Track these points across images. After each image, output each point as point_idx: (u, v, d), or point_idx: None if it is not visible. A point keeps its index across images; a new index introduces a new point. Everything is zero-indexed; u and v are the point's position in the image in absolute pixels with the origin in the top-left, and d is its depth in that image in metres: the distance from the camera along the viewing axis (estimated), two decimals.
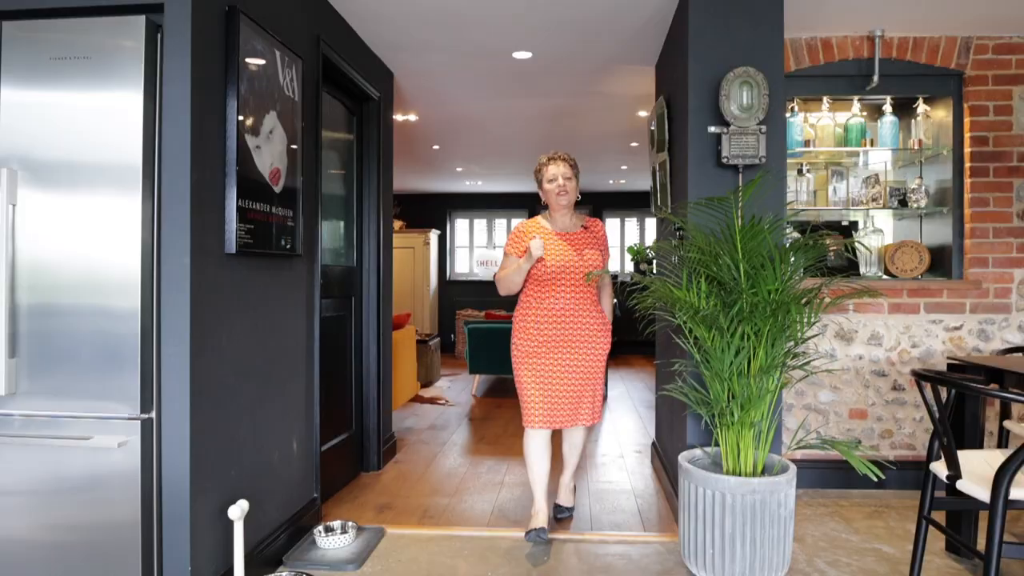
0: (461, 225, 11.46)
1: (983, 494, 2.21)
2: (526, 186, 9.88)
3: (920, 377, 2.45)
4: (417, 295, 10.05)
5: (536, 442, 3.08)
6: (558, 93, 5.13)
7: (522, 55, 4.28)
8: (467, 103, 5.49)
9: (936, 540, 3.06)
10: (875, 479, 2.30)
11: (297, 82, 2.98)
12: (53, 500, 2.24)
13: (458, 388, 7.33)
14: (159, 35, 2.28)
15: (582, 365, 3.10)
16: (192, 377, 2.27)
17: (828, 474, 3.85)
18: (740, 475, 2.62)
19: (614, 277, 10.65)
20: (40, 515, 2.24)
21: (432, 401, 6.54)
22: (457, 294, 11.18)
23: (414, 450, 4.76)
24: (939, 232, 4.07)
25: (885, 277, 4.07)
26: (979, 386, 2.28)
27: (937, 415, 2.44)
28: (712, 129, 3.07)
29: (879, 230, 4.26)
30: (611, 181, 9.81)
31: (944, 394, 2.46)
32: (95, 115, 2.23)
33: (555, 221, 3.20)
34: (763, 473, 2.67)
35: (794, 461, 3.79)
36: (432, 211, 11.19)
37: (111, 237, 2.22)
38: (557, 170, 3.12)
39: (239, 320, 2.57)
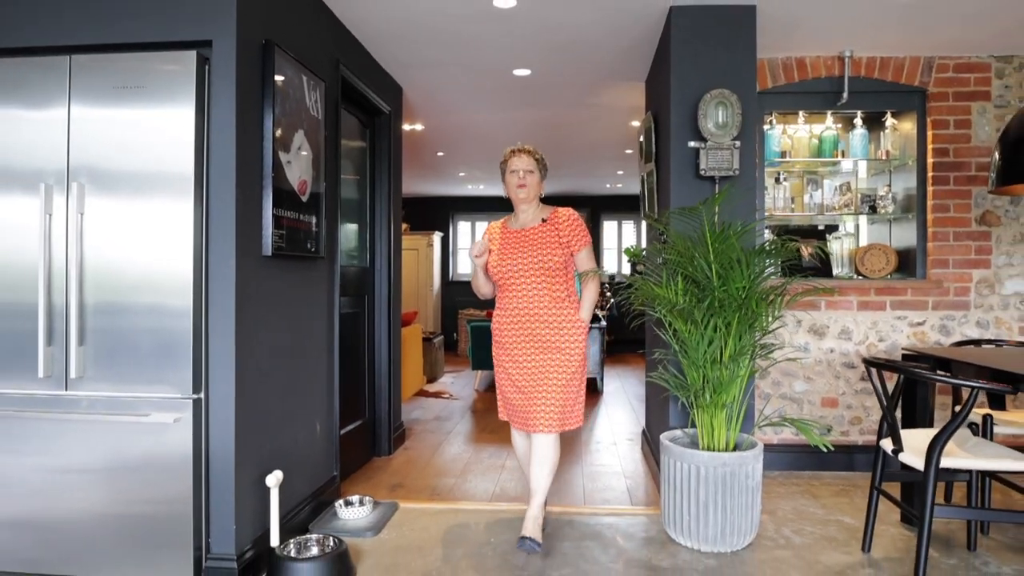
0: (463, 227, 11.82)
1: (919, 464, 2.57)
2: None
3: (869, 363, 2.80)
4: (421, 295, 10.40)
5: (517, 439, 3.20)
6: (556, 105, 5.49)
7: (522, 72, 4.64)
8: (470, 114, 5.85)
9: (892, 512, 3.41)
10: (824, 450, 2.66)
11: (320, 102, 3.34)
12: (117, 470, 2.59)
13: (461, 383, 7.69)
14: (207, 67, 2.63)
15: (539, 367, 2.93)
16: (236, 364, 2.62)
17: (802, 457, 4.20)
18: (713, 451, 2.97)
19: (611, 278, 11.06)
20: (105, 484, 2.60)
21: (437, 395, 6.89)
22: (459, 294, 11.53)
23: (421, 438, 5.12)
24: (905, 235, 4.42)
25: (856, 277, 4.42)
26: (915, 369, 2.64)
27: (885, 397, 2.79)
28: (691, 144, 3.43)
29: (851, 234, 4.61)
30: (608, 185, 10.16)
31: (891, 380, 2.82)
32: (152, 134, 2.58)
33: (516, 219, 3.11)
34: (734, 450, 3.02)
35: (771, 445, 4.16)
36: (435, 214, 11.55)
37: (166, 243, 2.58)
38: (519, 163, 3.01)
39: (273, 315, 2.93)
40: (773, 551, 2.97)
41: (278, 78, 2.86)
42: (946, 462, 2.53)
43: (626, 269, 11.23)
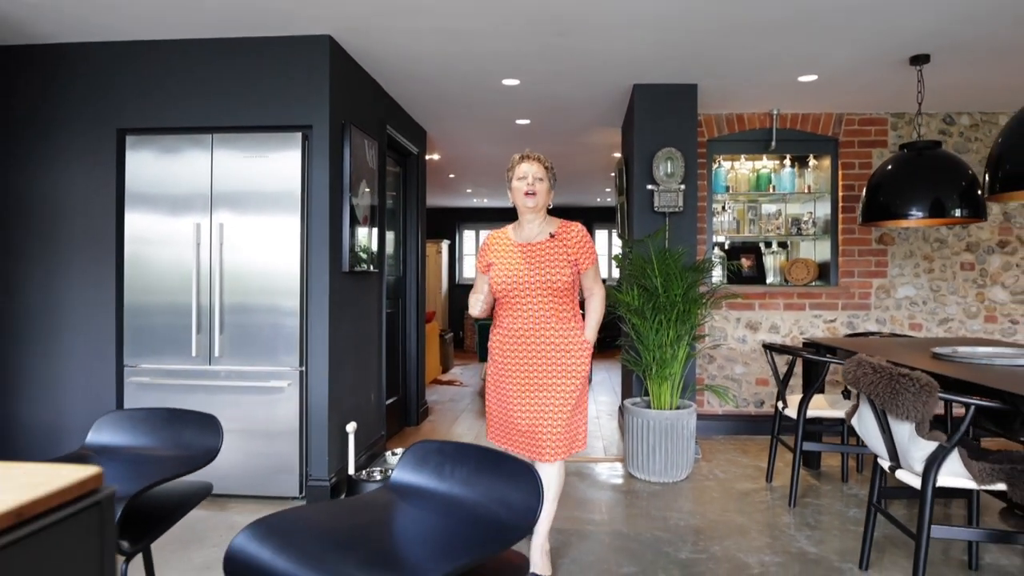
0: (468, 236, 13.03)
1: (794, 414, 3.77)
2: None
3: (766, 347, 4.01)
4: (432, 297, 11.59)
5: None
6: (551, 143, 6.68)
7: (522, 121, 5.84)
8: (478, 149, 7.05)
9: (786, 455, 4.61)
10: (730, 404, 3.86)
11: (375, 157, 4.53)
12: (248, 419, 3.78)
13: (469, 374, 8.88)
14: (308, 141, 3.83)
15: (542, 390, 2.75)
16: (328, 348, 3.81)
17: (740, 424, 5.40)
18: (660, 410, 4.17)
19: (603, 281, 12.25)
20: (240, 428, 3.78)
21: (449, 383, 8.09)
22: (464, 296, 12.73)
23: (440, 414, 6.31)
24: (823, 251, 5.62)
25: (785, 284, 5.62)
26: (794, 349, 3.84)
27: (780, 372, 4.00)
28: (648, 187, 4.63)
29: (782, 250, 5.81)
30: (599, 199, 11.36)
31: (784, 359, 4.01)
32: (272, 189, 3.78)
33: (521, 230, 2.87)
34: (676, 409, 4.22)
35: (716, 415, 5.37)
36: (442, 223, 12.75)
37: (281, 263, 3.77)
38: (529, 168, 2.80)
39: (347, 314, 4.12)
40: (702, 482, 4.18)
41: (351, 145, 4.05)
42: (811, 414, 3.75)
43: (615, 273, 12.43)
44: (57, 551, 0.66)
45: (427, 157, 7.31)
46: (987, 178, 3.02)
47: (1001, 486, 2.42)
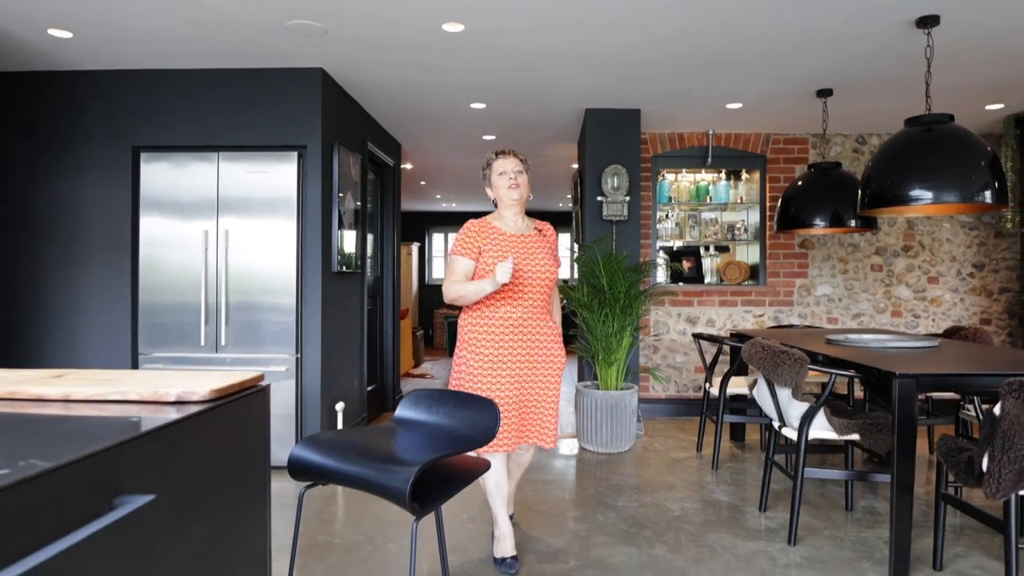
0: (437, 238, 13.64)
1: (716, 393, 4.48)
2: (490, 205, 12.09)
3: (695, 336, 4.72)
4: (404, 296, 12.17)
5: (496, 465, 2.84)
6: None
7: (489, 137, 6.49)
8: (448, 160, 7.68)
9: (724, 433, 5.33)
10: (663, 385, 4.55)
11: (357, 170, 5.13)
12: None
13: (439, 368, 9.50)
14: (302, 159, 4.42)
15: (540, 378, 2.87)
16: (321, 339, 4.41)
17: (681, 407, 6.12)
18: (607, 390, 4.85)
19: (564, 282, 12.98)
20: None
21: (421, 376, 8.69)
22: (433, 295, 13.33)
23: None
24: (754, 254, 6.37)
25: (721, 283, 6.35)
26: (717, 337, 4.55)
27: (707, 357, 4.70)
28: (598, 199, 5.32)
29: (719, 253, 6.55)
30: (560, 204, 12.06)
31: (715, 347, 4.72)
32: (271, 201, 4.37)
33: (507, 222, 2.93)
34: (620, 390, 4.90)
35: (659, 399, 6.07)
36: (413, 227, 13.33)
37: (279, 263, 4.36)
38: (508, 164, 2.88)
39: (335, 310, 4.72)
40: (642, 452, 4.87)
41: (339, 161, 4.66)
42: (731, 392, 4.46)
43: (576, 273, 13.12)
44: (244, 411, 1.29)
45: (401, 166, 7.92)
46: (860, 196, 3.75)
47: (855, 436, 3.14)
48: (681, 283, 6.26)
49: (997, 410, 2.43)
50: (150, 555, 0.93)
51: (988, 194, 3.36)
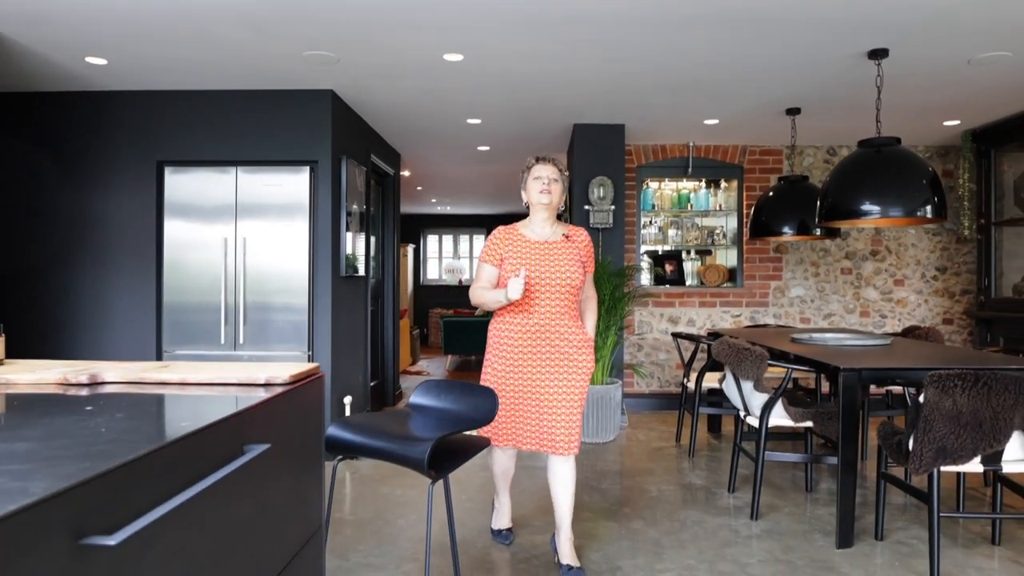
0: (432, 240, 14.03)
1: (691, 386, 4.91)
2: (484, 209, 12.51)
3: (674, 335, 5.14)
4: (402, 296, 12.57)
5: (500, 457, 3.13)
6: (508, 163, 7.75)
7: (483, 148, 6.90)
8: (444, 167, 8.08)
9: (702, 425, 5.76)
10: (645, 380, 4.98)
11: (362, 181, 5.53)
12: None
13: (434, 366, 9.90)
14: (314, 173, 4.82)
15: (557, 385, 2.87)
16: (331, 337, 4.81)
17: (664, 401, 6.54)
18: (593, 385, 5.27)
19: None
20: None
21: (417, 373, 9.09)
22: (428, 295, 13.73)
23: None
24: (732, 258, 6.80)
25: (701, 286, 6.78)
26: (694, 336, 4.98)
27: (686, 354, 5.12)
28: (586, 207, 5.73)
29: (697, 258, 6.98)
30: None
31: (691, 345, 5.15)
32: (285, 210, 4.76)
33: (534, 228, 2.98)
34: (605, 385, 5.32)
35: (643, 395, 6.50)
36: (408, 229, 13.72)
37: (293, 267, 4.75)
38: (545, 171, 2.97)
39: (342, 311, 5.12)
40: (625, 442, 5.29)
41: (346, 173, 5.05)
42: (706, 386, 4.89)
43: None
44: (309, 392, 1.69)
45: (400, 174, 8.31)
46: (818, 208, 4.18)
47: (809, 423, 3.57)
48: (667, 284, 6.69)
49: (922, 399, 2.85)
50: (263, 488, 1.34)
51: (929, 209, 3.79)
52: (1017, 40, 3.82)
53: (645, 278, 6.65)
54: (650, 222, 6.83)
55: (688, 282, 6.91)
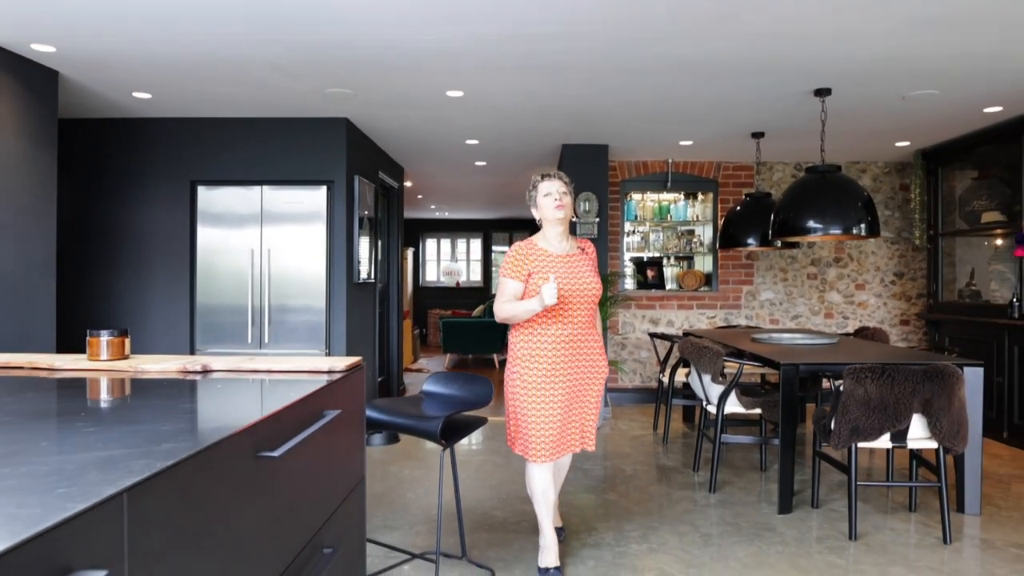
0: (431, 244, 14.65)
1: (666, 380, 5.53)
2: (480, 214, 13.13)
3: (651, 335, 5.77)
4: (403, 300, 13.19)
5: (543, 474, 3.02)
6: (502, 176, 8.37)
7: (480, 163, 7.51)
8: (443, 179, 8.70)
9: (677, 415, 6.38)
10: (627, 375, 5.60)
11: (371, 196, 6.13)
12: None
13: (434, 364, 10.51)
14: (330, 191, 5.42)
15: (589, 388, 3.07)
16: (346, 338, 5.41)
17: (646, 395, 7.16)
18: None
19: None
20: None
21: (418, 371, 9.70)
22: (427, 297, 14.34)
23: (414, 390, 7.92)
24: (708, 264, 7.43)
25: (680, 290, 7.40)
26: (669, 335, 5.60)
27: (662, 352, 5.74)
28: (572, 220, 6.35)
29: (676, 264, 7.61)
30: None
31: (666, 343, 5.77)
32: (305, 223, 5.36)
33: (552, 242, 3.05)
34: None
35: (627, 389, 7.12)
36: (409, 234, 14.31)
37: (312, 275, 5.36)
38: (553, 186, 3.02)
39: (356, 313, 5.72)
40: (608, 431, 5.91)
41: (358, 191, 5.66)
42: (679, 381, 5.52)
43: None
44: (352, 384, 2.31)
45: (404, 185, 8.92)
46: (771, 224, 4.81)
47: (758, 410, 4.20)
48: (649, 288, 7.31)
49: (841, 387, 3.48)
50: (334, 441, 1.95)
51: (863, 227, 4.42)
52: (942, 80, 4.45)
53: (629, 283, 7.27)
54: (634, 231, 7.45)
55: (668, 286, 7.53)
